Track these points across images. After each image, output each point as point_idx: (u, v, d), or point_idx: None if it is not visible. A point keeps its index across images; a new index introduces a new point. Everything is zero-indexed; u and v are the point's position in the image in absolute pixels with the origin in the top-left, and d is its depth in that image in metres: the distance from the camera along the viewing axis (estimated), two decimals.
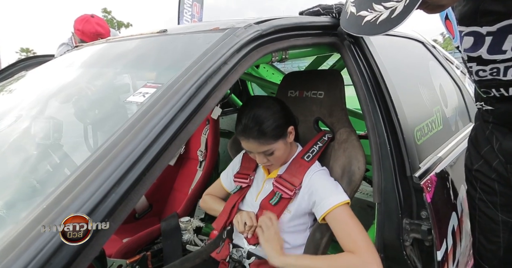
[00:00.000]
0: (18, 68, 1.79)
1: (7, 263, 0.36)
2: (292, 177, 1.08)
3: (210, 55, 0.69)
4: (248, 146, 1.02)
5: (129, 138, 0.51)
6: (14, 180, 0.71)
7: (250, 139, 0.99)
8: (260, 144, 1.00)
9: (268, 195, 1.10)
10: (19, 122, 0.89)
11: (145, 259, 1.44)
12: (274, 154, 1.03)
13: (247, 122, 0.98)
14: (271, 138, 1.00)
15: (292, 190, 1.04)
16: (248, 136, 0.99)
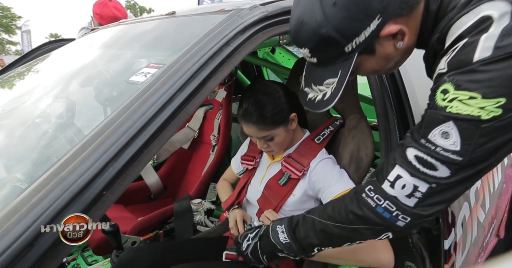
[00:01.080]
0: (42, 51, 1.86)
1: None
2: (301, 157, 1.07)
3: (211, 36, 0.69)
4: (248, 130, 1.02)
5: (127, 116, 0.53)
6: (30, 154, 0.76)
7: (249, 124, 0.99)
8: (259, 129, 0.99)
9: (276, 175, 1.10)
10: (36, 101, 0.94)
11: (157, 237, 1.51)
12: (274, 140, 1.02)
13: (247, 107, 0.98)
14: (271, 124, 0.99)
15: (300, 171, 1.04)
16: (248, 121, 0.99)
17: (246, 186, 1.21)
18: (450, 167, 0.55)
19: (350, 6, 0.58)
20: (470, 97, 0.51)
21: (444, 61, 0.56)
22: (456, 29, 0.56)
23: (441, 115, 0.54)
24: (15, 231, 0.39)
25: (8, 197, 0.48)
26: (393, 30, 0.61)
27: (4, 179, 0.72)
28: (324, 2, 0.60)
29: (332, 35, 0.61)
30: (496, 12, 0.51)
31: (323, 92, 0.68)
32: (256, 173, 1.20)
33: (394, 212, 0.61)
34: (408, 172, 0.59)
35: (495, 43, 0.49)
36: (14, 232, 0.39)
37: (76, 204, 0.44)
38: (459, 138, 0.53)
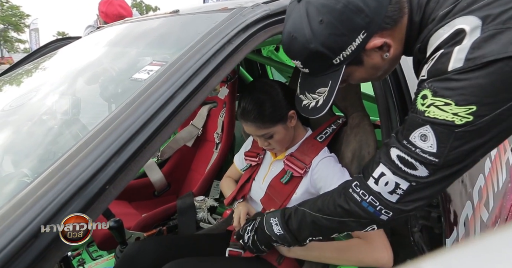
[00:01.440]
0: (50, 49, 1.89)
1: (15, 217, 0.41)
2: (303, 155, 1.08)
3: (214, 34, 0.69)
4: (247, 129, 1.03)
5: (130, 112, 0.54)
6: (35, 150, 0.78)
7: (248, 122, 1.00)
8: (257, 127, 1.00)
9: (278, 174, 1.11)
10: (43, 98, 0.96)
11: (161, 233, 1.53)
12: (274, 137, 1.03)
13: (245, 105, 0.99)
14: (269, 122, 0.99)
15: (302, 169, 1.04)
16: (247, 119, 1.00)
17: (250, 181, 1.21)
18: (428, 168, 0.59)
19: (335, 23, 0.63)
20: (445, 104, 0.55)
21: (425, 68, 0.61)
22: (435, 40, 0.61)
23: (420, 118, 0.59)
24: (20, 223, 0.41)
25: (14, 191, 0.49)
26: (377, 43, 0.65)
27: (12, 174, 0.73)
28: (311, 19, 0.64)
29: (320, 49, 0.65)
30: (468, 26, 0.55)
31: (316, 100, 0.74)
32: (259, 170, 1.21)
33: (377, 207, 0.66)
34: (390, 170, 0.63)
35: (466, 55, 0.54)
36: (20, 224, 0.41)
37: (80, 197, 0.45)
38: (436, 141, 0.57)
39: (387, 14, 0.64)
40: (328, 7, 0.62)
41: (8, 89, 1.23)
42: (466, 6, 0.58)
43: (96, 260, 1.47)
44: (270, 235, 0.88)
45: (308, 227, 0.80)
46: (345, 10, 0.62)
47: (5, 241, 0.39)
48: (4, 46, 34.03)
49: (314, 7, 0.64)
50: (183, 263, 0.98)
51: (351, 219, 0.71)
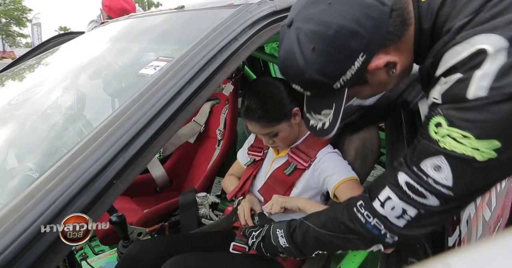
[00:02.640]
0: (53, 44, 1.89)
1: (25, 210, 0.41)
2: (308, 148, 1.08)
3: (220, 30, 0.69)
4: (252, 128, 1.03)
5: (136, 108, 0.54)
6: (41, 145, 0.78)
7: (252, 122, 1.00)
8: (262, 126, 1.00)
9: (282, 165, 1.11)
10: (47, 93, 0.96)
11: (163, 228, 1.53)
12: (279, 135, 1.03)
13: (249, 104, 0.98)
14: (273, 120, 0.99)
15: (307, 161, 1.05)
16: (251, 119, 0.99)
17: (251, 179, 1.21)
18: (440, 198, 0.55)
19: (329, 50, 0.57)
20: (463, 136, 0.50)
21: (438, 91, 0.55)
22: (450, 57, 0.54)
23: (433, 148, 0.53)
24: (31, 215, 0.41)
25: (23, 185, 0.50)
26: (380, 64, 0.60)
27: (20, 168, 0.74)
28: (303, 47, 0.59)
29: (316, 78, 0.61)
30: (491, 47, 0.48)
31: (322, 121, 0.70)
32: (261, 167, 1.21)
33: (382, 231, 0.63)
34: (397, 195, 0.59)
35: (491, 83, 0.47)
36: (31, 216, 0.41)
37: (88, 191, 0.46)
38: (451, 174, 0.52)
39: (388, 29, 0.58)
40: (319, 34, 0.57)
41: (13, 84, 1.23)
42: (489, 18, 0.50)
43: (98, 254, 1.48)
44: (276, 246, 0.88)
45: (312, 242, 0.78)
46: (338, 35, 0.56)
47: (15, 234, 0.39)
48: (6, 41, 33.99)
49: (305, 34, 0.58)
50: (187, 257, 0.99)
51: (355, 236, 0.68)
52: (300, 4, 0.61)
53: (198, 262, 0.99)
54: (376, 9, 0.56)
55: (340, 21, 0.56)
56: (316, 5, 0.58)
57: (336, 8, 0.56)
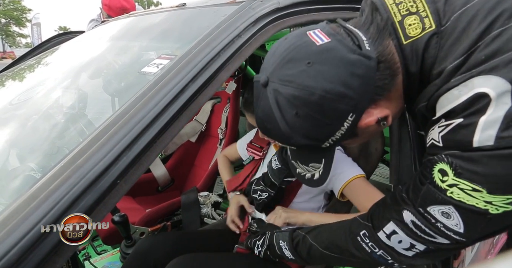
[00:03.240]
0: (53, 43, 1.88)
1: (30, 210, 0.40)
2: None
3: (223, 27, 0.68)
4: (250, 119, 1.04)
5: (140, 106, 0.53)
6: (43, 144, 0.78)
7: (249, 113, 1.01)
8: None
9: None
10: (45, 92, 0.95)
11: (165, 228, 1.53)
12: None
13: (247, 96, 0.99)
14: None
15: None
16: (248, 110, 1.01)
17: (250, 178, 1.21)
18: (451, 240, 0.52)
19: (315, 115, 0.51)
20: (473, 189, 0.46)
21: (438, 133, 0.51)
22: (447, 101, 0.50)
23: (440, 196, 0.49)
24: (35, 216, 0.40)
25: (25, 185, 0.49)
26: (371, 122, 0.55)
27: (23, 168, 0.73)
28: (284, 112, 0.52)
29: (302, 142, 0.56)
30: (493, 90, 0.44)
31: (310, 173, 0.66)
32: (263, 165, 1.21)
33: (389, 261, 0.61)
34: (403, 232, 0.56)
35: (498, 132, 0.43)
36: (35, 217, 0.40)
37: (92, 192, 0.45)
38: (462, 223, 0.49)
39: (377, 84, 0.52)
40: (301, 99, 0.50)
41: (14, 84, 1.22)
42: (485, 59, 0.46)
43: (101, 254, 1.47)
44: (281, 255, 0.87)
45: (318, 258, 0.77)
46: (323, 101, 0.50)
47: (19, 235, 0.38)
48: (6, 41, 33.98)
49: (284, 98, 0.51)
50: (191, 258, 0.98)
51: (361, 261, 0.67)
52: (274, 61, 0.53)
53: (202, 262, 0.98)
54: (362, 66, 0.50)
55: (324, 85, 0.49)
56: (293, 64, 0.51)
57: (317, 69, 0.49)
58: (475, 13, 0.49)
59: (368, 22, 0.56)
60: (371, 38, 0.53)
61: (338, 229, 0.72)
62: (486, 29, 0.47)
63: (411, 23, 0.53)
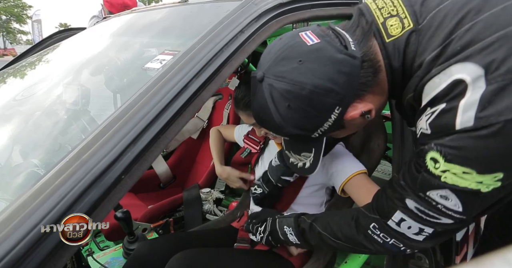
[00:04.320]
0: (54, 40, 1.88)
1: (35, 207, 0.40)
2: None
3: (226, 23, 0.68)
4: (242, 117, 1.05)
5: (144, 102, 0.53)
6: (46, 141, 0.78)
7: (240, 111, 1.02)
8: (248, 115, 1.01)
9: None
10: (49, 88, 0.95)
11: (167, 224, 1.53)
12: None
13: (237, 95, 1.00)
14: None
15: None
16: (238, 108, 1.02)
17: (252, 172, 1.21)
18: (454, 219, 0.56)
19: (305, 108, 0.58)
20: (464, 172, 0.50)
21: (425, 121, 0.55)
22: (430, 89, 0.54)
23: (436, 182, 0.54)
24: (41, 211, 0.41)
25: (31, 180, 0.49)
26: (356, 115, 0.61)
27: (23, 164, 0.73)
28: (278, 105, 0.59)
29: (294, 132, 0.62)
30: (468, 76, 0.48)
31: (302, 162, 0.72)
32: (264, 156, 1.20)
33: (401, 247, 0.65)
34: (411, 218, 0.60)
35: (476, 112, 0.47)
36: (41, 212, 0.41)
37: (97, 187, 0.45)
38: (460, 203, 0.53)
39: (361, 81, 0.58)
40: (293, 93, 0.57)
41: (17, 80, 1.22)
42: (460, 49, 0.51)
43: (103, 250, 1.48)
44: (285, 240, 0.89)
45: (329, 246, 0.80)
46: (313, 95, 0.56)
47: (27, 229, 0.39)
48: (7, 38, 33.95)
49: (278, 92, 0.58)
50: (193, 253, 0.99)
51: (373, 251, 0.71)
52: (270, 58, 0.60)
53: (204, 257, 0.99)
54: (348, 64, 0.56)
55: (313, 80, 0.55)
56: (286, 62, 0.57)
57: (307, 67, 0.56)
58: (447, 12, 0.54)
59: (354, 25, 0.62)
60: (357, 40, 0.59)
61: (346, 224, 0.75)
62: (457, 24, 0.52)
63: (392, 24, 0.59)
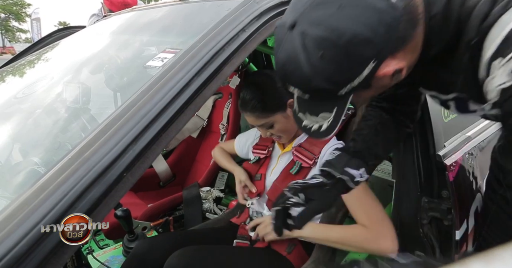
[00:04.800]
0: (54, 38, 1.87)
1: (35, 206, 0.40)
2: (312, 146, 1.07)
3: (227, 21, 0.68)
4: (248, 119, 1.03)
5: (145, 100, 0.53)
6: (46, 139, 0.77)
7: (247, 113, 1.01)
8: (256, 117, 1.00)
9: (287, 165, 1.10)
10: (49, 86, 0.95)
11: (167, 223, 1.54)
12: (274, 127, 1.03)
13: (243, 96, 0.99)
14: (267, 111, 0.99)
15: (311, 159, 1.04)
16: (245, 110, 1.00)
17: (262, 179, 1.18)
18: None
19: (339, 58, 0.53)
20: None
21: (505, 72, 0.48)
22: (500, 29, 0.48)
23: None
24: (44, 208, 0.41)
25: (33, 178, 0.49)
26: (388, 72, 0.57)
27: (24, 162, 0.73)
28: (310, 54, 0.54)
29: (322, 86, 0.57)
30: None
31: (319, 124, 0.65)
32: (269, 164, 1.20)
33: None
34: None
35: None
36: (44, 209, 0.41)
37: (99, 184, 0.45)
38: None
39: (399, 34, 0.54)
40: (329, 41, 0.52)
41: (17, 79, 1.22)
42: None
43: (103, 248, 1.48)
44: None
45: None
46: (350, 44, 0.52)
47: (30, 225, 0.39)
48: (6, 36, 33.83)
49: (313, 39, 0.53)
50: (192, 250, 0.99)
51: None
52: (303, 5, 0.55)
53: (202, 255, 0.99)
54: (389, 15, 0.52)
55: (353, 28, 0.51)
56: (323, 6, 0.53)
57: (347, 13, 0.51)
58: None
59: None
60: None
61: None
62: None
63: None
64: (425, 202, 0.99)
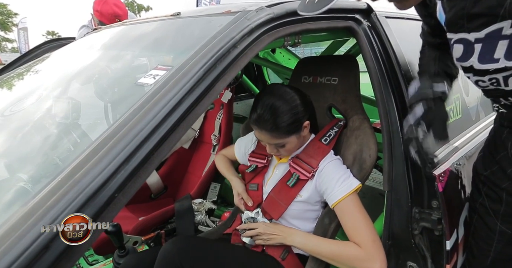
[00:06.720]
0: (43, 50, 1.85)
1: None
2: (309, 158, 1.07)
3: (219, 38, 0.69)
4: (260, 136, 1.01)
5: (138, 119, 0.53)
6: (36, 156, 0.76)
7: (263, 131, 0.98)
8: (272, 137, 0.99)
9: (284, 177, 1.10)
10: (40, 102, 0.93)
11: (159, 237, 1.51)
12: (285, 147, 1.02)
13: (262, 113, 0.95)
14: (285, 133, 0.98)
15: (310, 172, 1.04)
16: (262, 128, 0.97)
17: (260, 189, 1.17)
18: None
19: None
20: None
21: None
22: None
23: None
24: (31, 234, 0.40)
25: (22, 200, 0.48)
26: None
27: (12, 180, 0.72)
28: None
29: None
30: None
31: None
32: (268, 172, 1.20)
33: None
34: None
35: None
36: (31, 235, 0.40)
37: (90, 207, 0.44)
38: None
39: None
40: None
41: (5, 93, 1.20)
42: None
43: (93, 265, 1.44)
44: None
45: None
46: None
47: (17, 253, 0.38)
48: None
49: None
50: (188, 238, 0.99)
51: None
52: None
53: (199, 241, 0.99)
54: None
55: None
56: None
57: None
58: None
59: None
60: None
61: None
62: None
63: None
64: (416, 213, 1.00)
